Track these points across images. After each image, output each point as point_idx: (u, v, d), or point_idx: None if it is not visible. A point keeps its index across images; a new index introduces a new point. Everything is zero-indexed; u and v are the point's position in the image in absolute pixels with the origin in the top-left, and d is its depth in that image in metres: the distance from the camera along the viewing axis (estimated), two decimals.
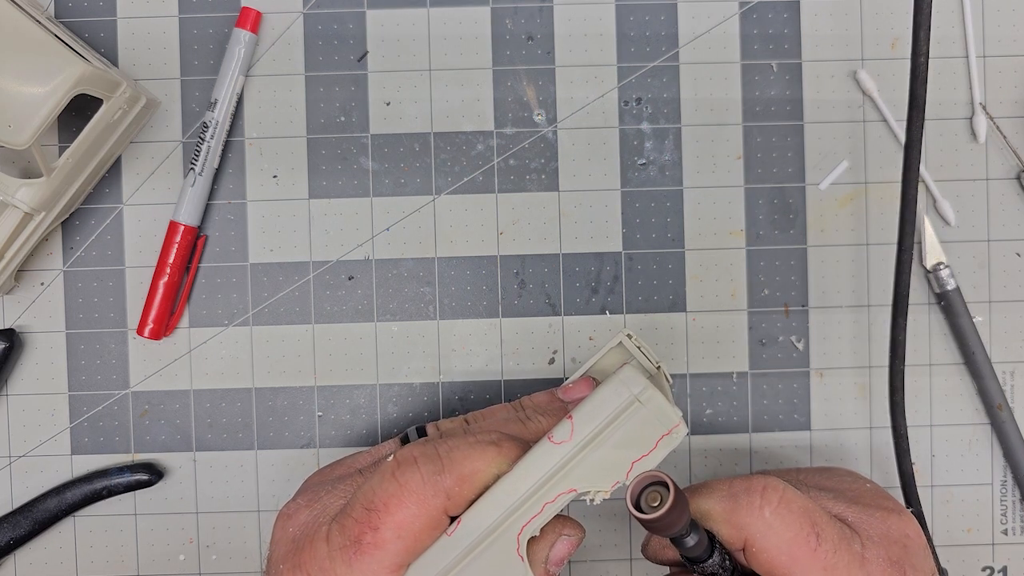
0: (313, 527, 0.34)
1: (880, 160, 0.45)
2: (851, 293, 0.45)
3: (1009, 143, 0.45)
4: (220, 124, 0.43)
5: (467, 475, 0.33)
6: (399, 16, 0.44)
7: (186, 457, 0.44)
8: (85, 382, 0.44)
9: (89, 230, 0.44)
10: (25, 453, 0.44)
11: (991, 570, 0.45)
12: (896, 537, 0.35)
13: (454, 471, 0.33)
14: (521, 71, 0.45)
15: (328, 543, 0.33)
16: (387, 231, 0.45)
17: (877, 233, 0.45)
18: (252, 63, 0.44)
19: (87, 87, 0.38)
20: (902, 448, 0.42)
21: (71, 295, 0.44)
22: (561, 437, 0.33)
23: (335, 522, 0.34)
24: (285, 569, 0.34)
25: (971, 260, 0.45)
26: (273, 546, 0.36)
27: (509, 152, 0.45)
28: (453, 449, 0.34)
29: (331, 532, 0.33)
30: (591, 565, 0.45)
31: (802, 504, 0.34)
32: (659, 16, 0.45)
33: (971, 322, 0.44)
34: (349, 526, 0.33)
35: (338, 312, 0.44)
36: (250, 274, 0.44)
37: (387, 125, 0.44)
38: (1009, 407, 0.45)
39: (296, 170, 0.44)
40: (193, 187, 0.43)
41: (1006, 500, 0.45)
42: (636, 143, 0.45)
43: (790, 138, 0.45)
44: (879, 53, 0.45)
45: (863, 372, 0.45)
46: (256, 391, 0.44)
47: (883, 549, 0.34)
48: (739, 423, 0.45)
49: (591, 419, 0.33)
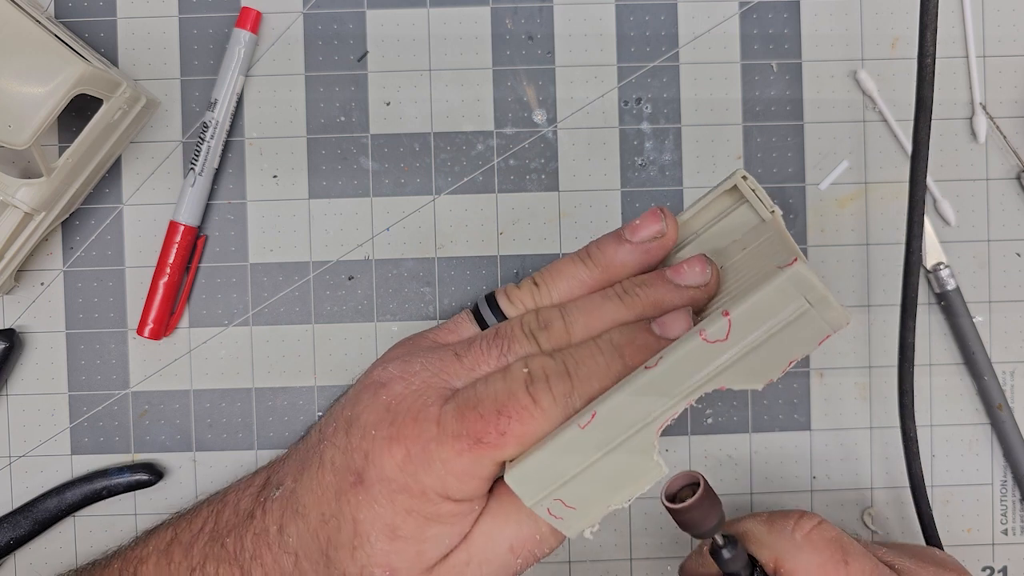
0: (416, 404, 0.34)
1: (880, 160, 0.45)
2: (851, 293, 0.45)
3: (1009, 143, 0.45)
4: (220, 124, 0.43)
5: (595, 394, 0.33)
6: (399, 16, 0.44)
7: (186, 457, 0.44)
8: (85, 382, 0.44)
9: (89, 230, 0.44)
10: (25, 453, 0.44)
11: (991, 570, 0.45)
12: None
13: (584, 391, 0.33)
14: (521, 71, 0.45)
15: (439, 427, 0.33)
16: (387, 231, 0.45)
17: (877, 233, 0.45)
18: (252, 63, 0.44)
19: (87, 87, 0.38)
20: (911, 451, 0.41)
21: (71, 295, 0.44)
22: (716, 336, 0.30)
23: (452, 410, 0.33)
24: (379, 436, 0.33)
25: (971, 260, 0.45)
26: (358, 407, 0.35)
27: (509, 152, 0.45)
28: (580, 365, 0.33)
29: (444, 417, 0.33)
30: (591, 565, 0.45)
31: (835, 534, 0.34)
32: (659, 16, 0.45)
33: (971, 322, 0.44)
34: (472, 420, 0.33)
35: (338, 312, 0.44)
36: (250, 274, 0.44)
37: (387, 125, 0.44)
38: (1009, 407, 0.45)
39: (296, 170, 0.44)
40: (193, 187, 0.43)
41: (1006, 500, 0.45)
42: (636, 143, 0.45)
43: (790, 138, 0.45)
44: (879, 53, 0.45)
45: (863, 372, 0.45)
46: (256, 391, 0.44)
47: None
48: (739, 423, 0.45)
49: (753, 321, 0.30)
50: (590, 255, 0.37)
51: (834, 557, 0.33)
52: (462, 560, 0.34)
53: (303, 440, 0.39)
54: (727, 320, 0.30)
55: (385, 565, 0.33)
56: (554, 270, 0.37)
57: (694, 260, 0.36)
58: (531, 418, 0.32)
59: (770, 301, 0.30)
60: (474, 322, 0.38)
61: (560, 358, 0.34)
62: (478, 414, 0.33)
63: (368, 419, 0.34)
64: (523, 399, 0.33)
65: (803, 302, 0.30)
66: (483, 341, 0.36)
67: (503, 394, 0.33)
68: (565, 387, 0.33)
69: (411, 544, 0.33)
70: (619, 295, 0.36)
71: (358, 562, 0.34)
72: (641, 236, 0.36)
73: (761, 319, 0.30)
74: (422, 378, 0.35)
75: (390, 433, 0.34)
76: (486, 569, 0.34)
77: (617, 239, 0.37)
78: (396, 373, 0.36)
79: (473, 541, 0.34)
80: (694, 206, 0.38)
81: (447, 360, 0.35)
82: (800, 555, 0.33)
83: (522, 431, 0.32)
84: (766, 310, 0.30)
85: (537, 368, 0.33)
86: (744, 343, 0.30)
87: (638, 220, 0.37)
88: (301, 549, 0.34)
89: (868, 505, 0.45)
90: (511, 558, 0.34)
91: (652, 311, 0.35)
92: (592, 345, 0.34)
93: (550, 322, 0.35)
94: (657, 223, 0.36)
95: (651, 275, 0.36)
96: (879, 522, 0.45)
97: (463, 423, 0.33)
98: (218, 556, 0.36)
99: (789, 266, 0.30)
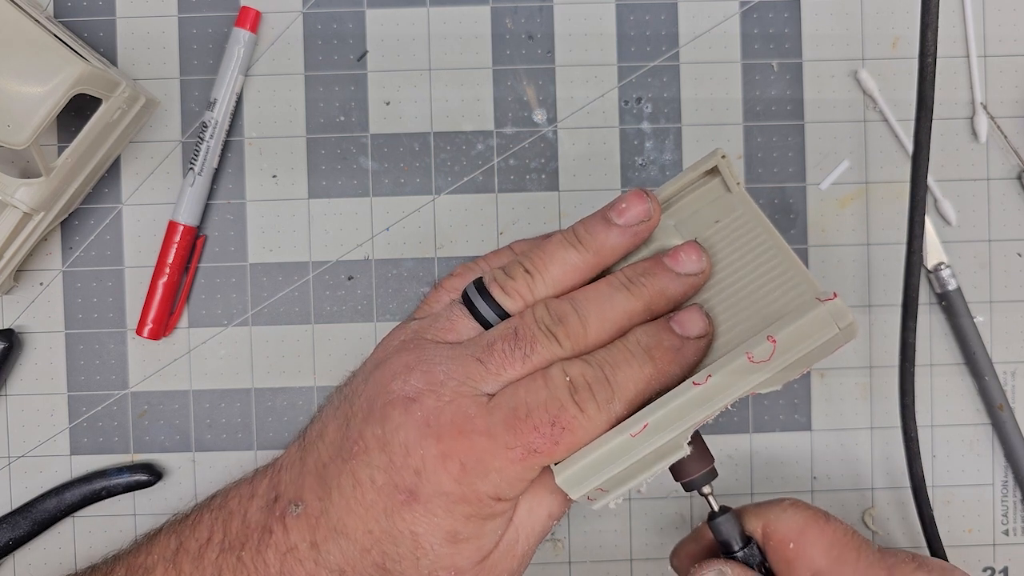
0: (458, 418, 0.34)
1: (881, 160, 0.45)
2: (852, 293, 0.45)
3: (1010, 143, 0.45)
4: (219, 124, 0.43)
5: (633, 399, 0.35)
6: (399, 16, 0.44)
7: (185, 458, 0.44)
8: (84, 382, 0.44)
9: (88, 230, 0.44)
10: (24, 453, 0.44)
11: (992, 571, 0.45)
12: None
13: (623, 398, 0.35)
14: (521, 71, 0.45)
15: (491, 438, 0.34)
16: (387, 231, 0.45)
17: (878, 233, 0.45)
18: (251, 63, 0.44)
19: (86, 87, 0.37)
20: (912, 451, 0.41)
21: (70, 295, 0.44)
22: (761, 357, 0.34)
23: (502, 422, 0.34)
24: (428, 454, 0.34)
25: (972, 260, 0.45)
26: (389, 425, 0.35)
27: (509, 152, 0.45)
28: (617, 371, 0.35)
29: (494, 429, 0.34)
30: (591, 565, 0.45)
31: (819, 508, 0.37)
32: (659, 16, 0.45)
33: (972, 322, 0.44)
34: (526, 432, 0.34)
35: (338, 312, 0.44)
36: (249, 274, 0.44)
37: (387, 125, 0.44)
38: (1010, 407, 0.44)
39: (296, 170, 0.44)
40: (192, 187, 0.43)
41: (1007, 500, 0.45)
42: (636, 143, 0.45)
43: (791, 138, 0.45)
44: (880, 53, 0.45)
45: (864, 372, 0.45)
46: (256, 391, 0.44)
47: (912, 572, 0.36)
48: (739, 423, 0.45)
49: (792, 345, 0.34)
50: (580, 240, 0.37)
51: (816, 514, 0.37)
52: (512, 539, 0.36)
53: (307, 450, 0.38)
54: (772, 345, 0.34)
55: (450, 567, 0.35)
56: (544, 254, 0.37)
57: (689, 248, 0.37)
58: (580, 427, 0.34)
59: (810, 328, 0.34)
60: (469, 316, 0.37)
61: (597, 364, 0.35)
62: (531, 426, 0.34)
63: (408, 437, 0.35)
64: (571, 409, 0.34)
65: (835, 328, 0.34)
66: (503, 344, 0.36)
67: (553, 405, 0.34)
68: (607, 394, 0.34)
69: (472, 543, 0.35)
70: (625, 286, 0.36)
71: (423, 570, 0.35)
72: (628, 219, 0.36)
73: (800, 343, 0.34)
74: (451, 388, 0.35)
75: (440, 450, 0.34)
76: (532, 539, 0.37)
77: (605, 222, 0.37)
78: (422, 387, 0.35)
79: (519, 520, 0.36)
80: (671, 184, 0.38)
81: (470, 367, 0.36)
82: (784, 515, 0.37)
83: (572, 440, 0.34)
84: (805, 335, 0.34)
85: (578, 376, 0.35)
86: (782, 361, 0.34)
87: (623, 202, 0.36)
88: (348, 565, 0.35)
89: (869, 505, 0.45)
90: (549, 522, 0.37)
91: (658, 300, 0.36)
92: (623, 350, 0.35)
93: (564, 317, 0.36)
94: (643, 204, 0.36)
95: (651, 263, 0.37)
96: (880, 523, 0.45)
97: (517, 436, 0.34)
98: (235, 569, 0.36)
99: (830, 300, 0.34)
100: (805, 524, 0.36)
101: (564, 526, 0.45)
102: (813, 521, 0.36)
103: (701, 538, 0.39)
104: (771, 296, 0.36)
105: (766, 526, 0.37)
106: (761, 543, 0.37)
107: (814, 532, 0.36)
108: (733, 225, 0.38)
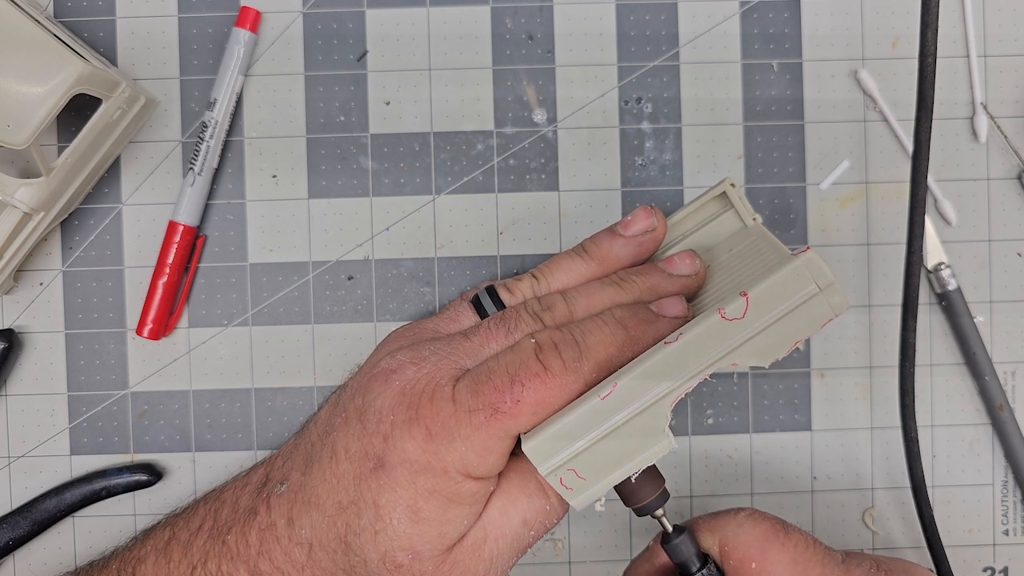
0: (430, 385, 0.35)
1: (881, 160, 0.45)
2: (852, 293, 0.45)
3: (1010, 143, 0.45)
4: (219, 124, 0.43)
5: (603, 361, 0.34)
6: (399, 16, 0.44)
7: (185, 458, 0.44)
8: (84, 382, 0.44)
9: (88, 230, 0.44)
10: (24, 453, 0.44)
11: (992, 571, 0.45)
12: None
13: (591, 358, 0.34)
14: (521, 71, 0.44)
15: (456, 403, 0.34)
16: (387, 231, 0.45)
17: (878, 233, 0.45)
18: (251, 63, 0.44)
19: (86, 87, 0.37)
20: (912, 451, 0.41)
21: (70, 295, 0.44)
22: (734, 314, 0.33)
23: (466, 386, 0.34)
24: (397, 419, 0.34)
25: (972, 260, 0.45)
26: (370, 395, 0.36)
27: (509, 152, 0.45)
28: (587, 334, 0.35)
29: (459, 394, 0.34)
30: (591, 565, 0.45)
31: (775, 518, 0.36)
32: (659, 16, 0.45)
33: (972, 322, 0.44)
34: (487, 391, 0.34)
35: (338, 312, 0.44)
36: (249, 274, 0.44)
37: (387, 125, 0.44)
38: (1010, 407, 0.44)
39: (296, 170, 0.44)
40: (192, 187, 0.43)
41: (1007, 501, 0.45)
42: (636, 143, 0.45)
43: (791, 138, 0.45)
44: (880, 52, 0.45)
45: (864, 372, 0.45)
46: (256, 391, 0.44)
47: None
48: (740, 423, 0.45)
49: (768, 302, 0.32)
50: (586, 249, 0.39)
51: (774, 527, 0.36)
52: (479, 537, 0.35)
53: (301, 436, 0.39)
54: (745, 300, 0.32)
55: (408, 548, 0.34)
56: (552, 264, 0.39)
57: (683, 253, 0.39)
58: (543, 384, 0.34)
59: (784, 284, 0.32)
60: (475, 313, 0.39)
61: (567, 329, 0.35)
62: (492, 385, 0.34)
63: (383, 405, 0.35)
64: (534, 366, 0.34)
65: (813, 287, 0.32)
66: (490, 322, 0.37)
67: (514, 363, 0.34)
68: (574, 352, 0.34)
69: (433, 526, 0.34)
70: (616, 282, 0.38)
71: (380, 546, 0.34)
72: (634, 230, 0.39)
73: (775, 301, 0.32)
74: (432, 362, 0.36)
75: (408, 415, 0.34)
76: (502, 544, 0.35)
77: (611, 234, 0.39)
78: (405, 359, 0.36)
79: (488, 518, 0.35)
80: (683, 209, 0.40)
81: (455, 342, 0.36)
82: (741, 531, 0.36)
83: (536, 398, 0.33)
84: (780, 292, 0.32)
85: (545, 338, 0.35)
86: (758, 323, 0.32)
87: (629, 216, 0.39)
88: (315, 539, 0.35)
89: (869, 506, 0.45)
90: (524, 530, 0.36)
91: (648, 296, 0.37)
92: (596, 318, 0.36)
93: (553, 304, 0.37)
94: (648, 218, 0.39)
95: (645, 266, 0.39)
96: (880, 523, 0.45)
97: (479, 396, 0.34)
98: (219, 553, 0.36)
99: (803, 252, 0.33)
100: (765, 539, 0.35)
101: (564, 526, 0.45)
102: (773, 535, 0.35)
103: (654, 557, 0.38)
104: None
105: (723, 542, 0.36)
106: (719, 561, 0.36)
107: (775, 548, 0.35)
108: (746, 252, 0.38)
